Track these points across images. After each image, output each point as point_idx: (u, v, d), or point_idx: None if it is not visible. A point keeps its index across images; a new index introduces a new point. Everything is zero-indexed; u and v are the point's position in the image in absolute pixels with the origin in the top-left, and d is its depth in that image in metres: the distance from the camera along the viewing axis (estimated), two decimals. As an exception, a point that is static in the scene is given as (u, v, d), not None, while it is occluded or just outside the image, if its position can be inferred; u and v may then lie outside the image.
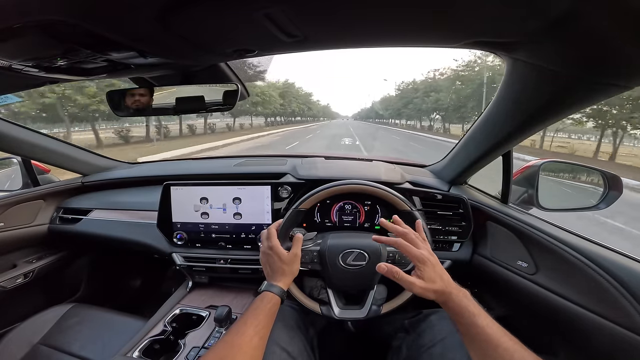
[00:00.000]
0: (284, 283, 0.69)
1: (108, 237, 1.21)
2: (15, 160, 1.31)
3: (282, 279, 0.69)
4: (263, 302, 0.63)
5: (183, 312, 0.96)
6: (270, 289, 0.66)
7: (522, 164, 1.01)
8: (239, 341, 0.53)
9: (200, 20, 0.46)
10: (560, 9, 0.39)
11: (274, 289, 0.66)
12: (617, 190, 0.88)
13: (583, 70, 0.49)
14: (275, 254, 0.71)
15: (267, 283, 0.68)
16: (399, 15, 0.45)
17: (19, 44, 0.47)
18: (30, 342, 0.94)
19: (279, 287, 0.67)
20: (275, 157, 1.45)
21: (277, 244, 0.72)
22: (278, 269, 0.70)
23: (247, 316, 0.59)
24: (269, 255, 0.72)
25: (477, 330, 0.50)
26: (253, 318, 0.58)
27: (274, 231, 0.75)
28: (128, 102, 0.76)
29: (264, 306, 0.62)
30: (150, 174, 1.39)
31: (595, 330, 0.64)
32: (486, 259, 0.94)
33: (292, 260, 0.72)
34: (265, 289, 0.66)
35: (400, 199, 0.81)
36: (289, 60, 41.19)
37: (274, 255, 0.71)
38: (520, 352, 0.47)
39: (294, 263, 0.72)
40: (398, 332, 0.86)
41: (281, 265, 0.70)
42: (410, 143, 16.06)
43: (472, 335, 0.51)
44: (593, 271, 0.65)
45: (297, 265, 0.73)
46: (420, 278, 0.56)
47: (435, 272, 0.57)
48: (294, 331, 0.76)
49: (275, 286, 0.67)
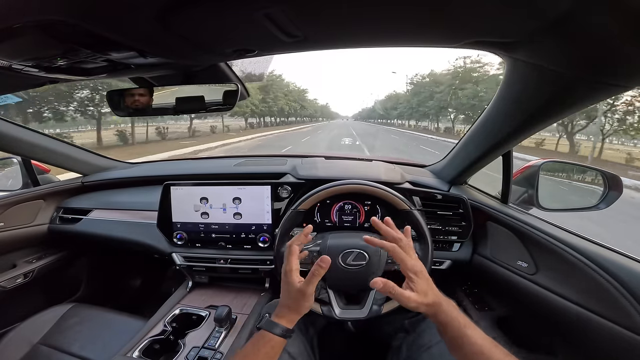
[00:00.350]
0: (288, 321, 0.56)
1: (108, 237, 1.21)
2: (15, 160, 1.30)
3: (286, 314, 0.57)
4: (257, 345, 0.53)
5: (183, 312, 0.96)
6: (271, 328, 0.54)
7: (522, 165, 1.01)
8: None
9: (200, 20, 0.46)
10: (561, 9, 0.39)
11: (275, 329, 0.54)
12: (617, 190, 0.88)
13: (583, 70, 0.49)
14: (288, 281, 0.57)
15: (266, 319, 0.57)
16: (399, 15, 0.45)
17: (19, 44, 0.47)
18: (30, 342, 0.94)
19: (282, 327, 0.55)
20: (275, 157, 1.45)
21: (293, 268, 0.58)
22: (284, 301, 0.58)
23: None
24: (283, 280, 0.59)
25: (467, 340, 0.48)
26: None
27: (295, 249, 0.60)
28: (128, 102, 0.76)
29: (257, 351, 0.52)
30: (150, 174, 1.39)
31: (595, 330, 0.64)
32: (486, 259, 0.94)
33: (297, 296, 0.56)
34: (264, 327, 0.55)
35: (400, 199, 0.81)
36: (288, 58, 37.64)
37: (285, 283, 0.58)
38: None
39: (300, 300, 0.56)
40: (398, 332, 0.86)
41: (287, 301, 0.58)
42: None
43: (461, 345, 0.49)
44: (593, 271, 0.65)
45: (307, 303, 0.57)
46: (414, 291, 0.52)
47: (428, 285, 0.54)
48: (294, 331, 0.76)
49: (278, 326, 0.55)
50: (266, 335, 0.54)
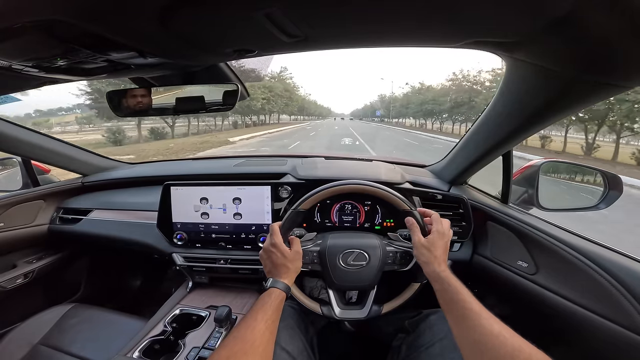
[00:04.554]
0: (289, 279, 0.70)
1: (108, 237, 1.21)
2: (15, 160, 1.31)
3: (286, 275, 0.70)
4: (271, 297, 0.63)
5: (183, 312, 0.96)
6: (277, 285, 0.67)
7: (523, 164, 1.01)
8: (251, 336, 0.53)
9: (200, 20, 0.46)
10: (561, 9, 0.39)
11: (279, 285, 0.67)
12: (617, 190, 0.88)
13: (583, 70, 0.49)
14: (278, 251, 0.72)
15: (272, 279, 0.69)
16: (399, 15, 0.45)
17: (19, 44, 0.47)
18: (30, 342, 0.94)
19: (285, 284, 0.68)
20: (275, 157, 1.45)
21: (281, 241, 0.73)
22: (281, 265, 0.71)
23: (257, 311, 0.59)
24: (272, 252, 0.72)
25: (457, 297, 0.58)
26: (263, 313, 0.58)
27: (277, 228, 0.75)
28: (128, 102, 0.76)
29: (272, 302, 0.62)
30: (150, 174, 1.39)
31: (595, 330, 0.64)
32: (486, 259, 0.94)
33: (294, 257, 0.73)
34: (271, 285, 0.67)
35: (401, 199, 0.81)
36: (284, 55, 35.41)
37: (277, 252, 0.71)
38: (498, 323, 0.52)
39: (297, 260, 0.74)
40: (398, 332, 0.86)
41: (285, 262, 0.71)
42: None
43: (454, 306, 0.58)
44: (593, 271, 0.65)
45: (299, 262, 0.75)
46: (427, 239, 0.69)
47: (441, 247, 0.68)
48: (294, 331, 0.76)
49: (281, 282, 0.68)
50: (275, 291, 0.65)
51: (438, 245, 0.68)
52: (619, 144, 12.34)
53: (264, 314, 0.58)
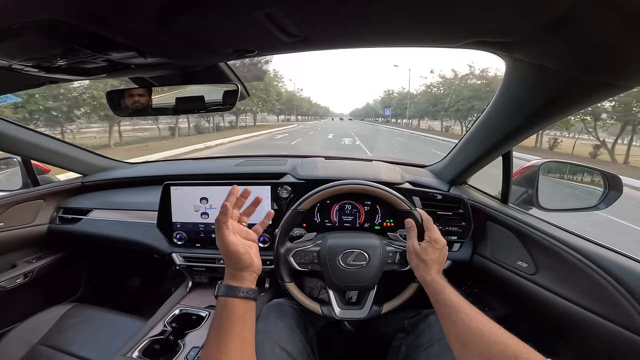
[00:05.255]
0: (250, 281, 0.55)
1: (108, 237, 1.21)
2: (15, 160, 1.30)
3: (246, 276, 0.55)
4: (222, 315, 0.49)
5: (183, 312, 0.96)
6: (230, 292, 0.51)
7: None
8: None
9: (200, 20, 0.46)
10: (560, 9, 0.39)
11: (236, 292, 0.51)
12: (617, 190, 0.88)
13: (583, 70, 0.49)
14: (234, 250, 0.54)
15: (222, 284, 0.53)
16: (399, 15, 0.45)
17: (19, 44, 0.47)
18: (30, 342, 0.94)
19: (242, 288, 0.53)
20: (275, 157, 1.45)
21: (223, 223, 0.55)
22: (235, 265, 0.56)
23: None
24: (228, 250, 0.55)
25: (444, 298, 0.59)
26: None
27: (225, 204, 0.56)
28: (128, 102, 0.76)
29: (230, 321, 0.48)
30: (150, 174, 1.39)
31: (595, 330, 0.64)
32: (486, 259, 0.94)
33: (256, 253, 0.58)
34: (221, 293, 0.51)
35: (401, 199, 0.81)
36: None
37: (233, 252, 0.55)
38: (478, 317, 0.52)
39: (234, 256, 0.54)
40: (398, 332, 0.86)
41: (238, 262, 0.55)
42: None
43: (442, 306, 0.59)
44: (593, 271, 0.65)
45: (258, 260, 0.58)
46: (420, 246, 0.71)
47: (434, 254, 0.69)
48: (294, 331, 0.76)
49: (238, 288, 0.52)
50: (231, 303, 0.49)
51: (429, 252, 0.69)
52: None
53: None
